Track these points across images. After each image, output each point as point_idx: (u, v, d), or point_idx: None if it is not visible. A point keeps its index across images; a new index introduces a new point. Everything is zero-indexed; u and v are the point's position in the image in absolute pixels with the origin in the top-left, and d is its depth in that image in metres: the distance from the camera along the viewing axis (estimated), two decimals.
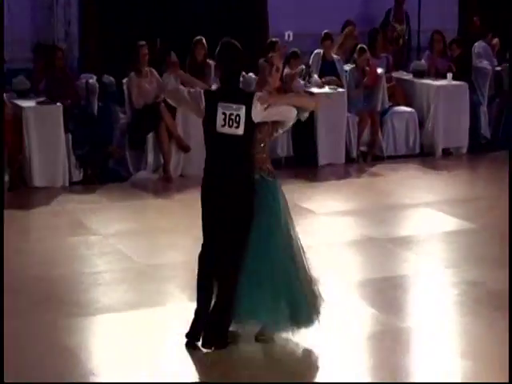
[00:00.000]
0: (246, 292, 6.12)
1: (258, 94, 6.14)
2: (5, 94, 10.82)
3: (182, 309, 6.85)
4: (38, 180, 10.71)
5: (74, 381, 5.86)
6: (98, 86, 11.44)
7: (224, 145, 6.07)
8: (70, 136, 10.98)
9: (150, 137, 11.28)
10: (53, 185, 10.74)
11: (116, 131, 11.43)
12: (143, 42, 11.35)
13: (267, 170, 6.24)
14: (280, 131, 6.41)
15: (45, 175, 10.77)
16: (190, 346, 6.20)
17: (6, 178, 10.47)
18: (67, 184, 10.89)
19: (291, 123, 6.43)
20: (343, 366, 6.09)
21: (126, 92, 11.48)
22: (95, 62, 13.17)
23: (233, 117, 5.98)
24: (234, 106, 5.97)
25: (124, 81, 11.49)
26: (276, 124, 6.29)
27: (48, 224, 9.46)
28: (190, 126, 11.24)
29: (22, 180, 10.72)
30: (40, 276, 7.79)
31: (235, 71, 6.23)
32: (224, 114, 5.98)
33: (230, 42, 6.22)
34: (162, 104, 11.05)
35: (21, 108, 10.79)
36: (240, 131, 6.01)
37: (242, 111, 5.99)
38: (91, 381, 5.87)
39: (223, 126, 6.00)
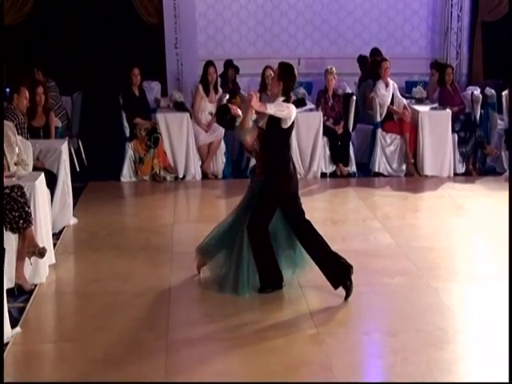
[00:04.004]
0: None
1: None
2: (404, 100, 10.73)
3: None
4: (429, 169, 10.48)
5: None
6: (481, 97, 10.91)
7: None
8: (456, 136, 10.60)
9: None
10: (440, 174, 10.45)
11: (494, 134, 10.90)
12: None
13: None
14: None
15: (434, 166, 10.49)
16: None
17: (404, 167, 10.57)
18: (451, 175, 10.52)
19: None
20: None
21: (504, 102, 10.77)
22: (480, 78, 12.79)
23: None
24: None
25: (503, 93, 10.79)
26: None
27: (434, 205, 9.16)
28: None
29: (416, 169, 10.52)
30: (427, 246, 7.50)
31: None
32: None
33: (289, 64, 6.18)
34: None
35: (418, 112, 10.54)
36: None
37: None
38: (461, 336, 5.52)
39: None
